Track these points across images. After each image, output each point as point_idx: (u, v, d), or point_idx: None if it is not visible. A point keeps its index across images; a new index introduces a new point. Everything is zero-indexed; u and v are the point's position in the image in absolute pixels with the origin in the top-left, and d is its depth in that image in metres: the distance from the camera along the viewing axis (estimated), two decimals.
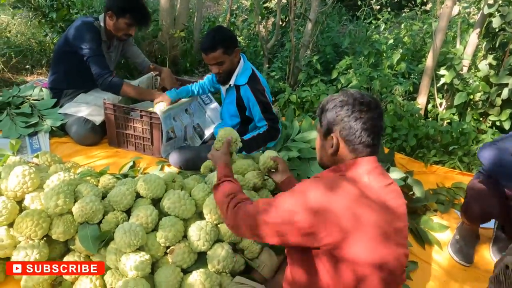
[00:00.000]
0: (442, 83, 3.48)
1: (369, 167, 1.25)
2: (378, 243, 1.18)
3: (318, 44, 4.21)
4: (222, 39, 2.24)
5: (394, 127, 3.10)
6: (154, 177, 1.88)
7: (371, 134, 1.24)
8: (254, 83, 2.33)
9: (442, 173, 2.97)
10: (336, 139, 1.28)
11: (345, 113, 1.24)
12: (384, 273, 1.19)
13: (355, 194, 1.19)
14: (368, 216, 1.17)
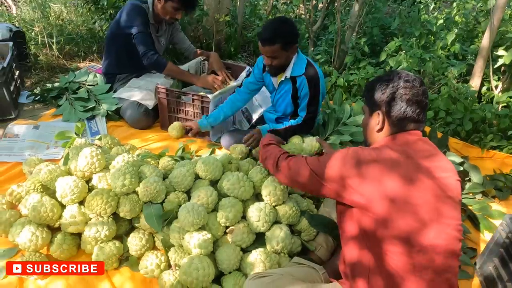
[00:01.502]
0: (500, 64, 3.30)
1: (416, 138, 1.31)
2: (426, 217, 1.19)
3: (364, 25, 4.10)
4: (282, 34, 2.12)
5: (448, 111, 2.98)
6: (212, 159, 1.92)
7: (417, 109, 1.30)
8: (311, 73, 2.26)
9: (500, 159, 2.84)
10: (382, 115, 1.34)
11: (390, 90, 1.31)
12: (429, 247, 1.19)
13: (393, 158, 1.24)
14: (399, 184, 1.20)
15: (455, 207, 1.27)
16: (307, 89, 2.26)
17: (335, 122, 2.66)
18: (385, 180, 1.22)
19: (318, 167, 1.35)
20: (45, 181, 1.81)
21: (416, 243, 1.19)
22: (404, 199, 1.20)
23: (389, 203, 1.20)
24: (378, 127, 1.36)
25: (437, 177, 1.25)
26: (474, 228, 2.20)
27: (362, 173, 1.24)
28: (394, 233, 1.20)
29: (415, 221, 1.20)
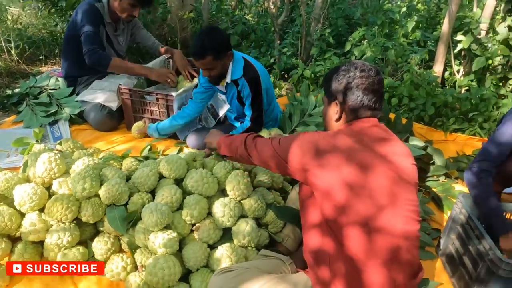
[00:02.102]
0: (459, 49, 3.40)
1: (371, 124, 1.34)
2: (383, 201, 1.23)
3: (329, 17, 4.13)
4: (211, 46, 2.10)
5: (411, 97, 3.05)
6: (176, 157, 1.91)
7: (373, 98, 1.33)
8: (249, 73, 2.25)
9: (462, 141, 2.93)
10: (340, 105, 1.37)
11: (346, 80, 1.34)
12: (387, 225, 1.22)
13: (349, 143, 1.29)
14: (357, 166, 1.24)
15: (411, 190, 1.30)
16: (248, 89, 2.26)
17: (301, 114, 2.68)
18: (343, 168, 1.24)
19: (281, 152, 1.38)
20: (2, 190, 1.76)
21: (374, 227, 1.22)
22: (362, 185, 1.23)
23: (348, 190, 1.23)
24: (336, 116, 1.39)
25: (392, 162, 1.28)
26: (438, 209, 2.27)
27: (322, 163, 1.26)
28: (354, 219, 1.23)
29: (372, 206, 1.22)
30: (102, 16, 2.78)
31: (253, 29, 4.41)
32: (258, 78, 2.29)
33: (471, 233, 1.66)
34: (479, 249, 1.58)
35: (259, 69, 2.35)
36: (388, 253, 1.23)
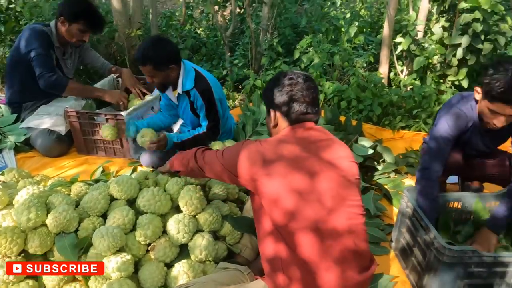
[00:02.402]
0: (400, 50, 3.57)
1: (308, 128, 1.41)
2: (331, 204, 1.28)
3: (277, 26, 4.23)
4: (151, 56, 2.12)
5: (359, 99, 3.17)
6: (126, 177, 1.87)
7: (303, 103, 1.39)
8: (200, 84, 2.28)
9: (410, 137, 3.08)
10: (274, 113, 1.44)
11: (277, 89, 1.41)
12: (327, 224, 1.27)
13: (290, 147, 1.35)
14: (296, 168, 1.30)
15: (354, 188, 1.36)
16: (201, 100, 2.29)
17: (254, 124, 2.72)
18: (290, 175, 1.29)
19: (227, 164, 1.42)
20: None
21: (324, 229, 1.26)
22: (310, 190, 1.27)
23: (296, 196, 1.27)
24: (272, 123, 1.47)
25: (334, 163, 1.34)
26: (390, 205, 2.35)
27: (269, 172, 1.30)
28: (304, 224, 1.26)
29: (321, 210, 1.27)
30: (52, 40, 2.71)
31: (203, 43, 4.44)
32: (210, 88, 2.32)
33: (418, 225, 1.73)
34: (426, 240, 1.66)
35: (211, 80, 2.37)
36: (338, 252, 1.28)
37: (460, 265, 1.56)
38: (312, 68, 3.42)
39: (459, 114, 1.83)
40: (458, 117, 1.83)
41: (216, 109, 2.36)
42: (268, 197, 1.31)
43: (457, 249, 1.52)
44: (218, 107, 2.36)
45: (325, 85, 3.30)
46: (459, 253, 1.52)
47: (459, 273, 1.57)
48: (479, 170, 2.15)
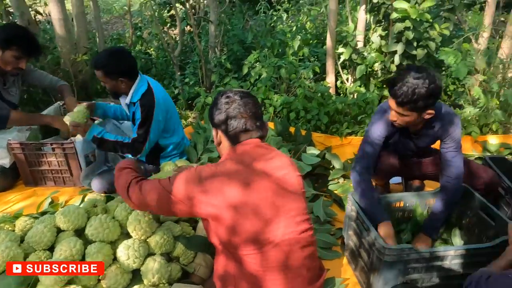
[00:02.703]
0: (343, 60, 3.75)
1: (252, 146, 1.42)
2: (265, 214, 1.31)
3: (226, 43, 4.31)
4: (103, 64, 2.25)
5: (307, 109, 3.28)
6: (73, 208, 1.85)
7: (241, 120, 1.41)
8: (145, 99, 2.32)
9: (357, 143, 3.21)
10: (216, 132, 1.47)
11: (215, 108, 1.44)
12: (283, 243, 1.32)
13: (240, 168, 1.35)
14: (251, 188, 1.32)
15: (297, 199, 1.41)
16: (139, 114, 2.33)
17: (205, 141, 2.76)
18: (226, 190, 1.31)
19: (168, 189, 1.39)
20: None
21: (264, 240, 1.30)
22: (245, 203, 1.30)
23: (234, 211, 1.30)
24: (216, 142, 1.49)
25: (275, 177, 1.38)
26: (340, 209, 2.45)
27: (205, 189, 1.32)
28: (245, 237, 1.30)
29: (258, 221, 1.30)
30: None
31: (153, 63, 4.44)
32: (153, 106, 2.33)
33: (361, 227, 1.83)
34: (368, 241, 1.74)
35: (160, 98, 2.39)
36: (281, 263, 1.32)
37: (400, 262, 1.65)
38: (260, 82, 3.51)
39: (386, 119, 1.98)
40: (385, 121, 1.98)
41: (148, 129, 2.36)
42: (208, 214, 1.34)
43: (396, 247, 1.62)
44: (153, 128, 2.35)
45: (273, 98, 3.40)
46: (398, 251, 1.62)
47: (400, 270, 1.67)
48: (417, 169, 2.30)
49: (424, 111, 1.81)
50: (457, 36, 3.90)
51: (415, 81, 1.73)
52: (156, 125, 2.37)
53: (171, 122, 2.53)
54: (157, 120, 2.36)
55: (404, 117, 1.84)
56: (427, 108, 1.80)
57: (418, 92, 1.73)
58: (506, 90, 3.23)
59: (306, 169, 2.53)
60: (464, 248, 1.68)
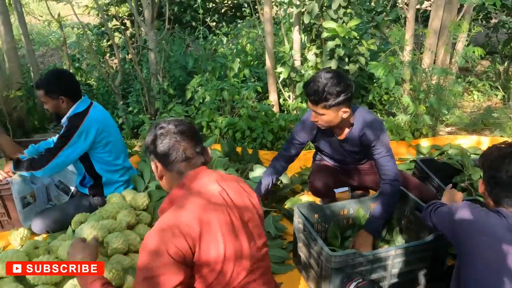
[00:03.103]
0: (282, 78, 3.91)
1: (198, 174, 1.38)
2: (230, 238, 1.31)
3: (168, 69, 4.33)
4: (44, 83, 2.30)
5: (251, 128, 3.37)
6: (11, 253, 1.76)
7: (180, 148, 1.36)
8: (75, 118, 2.30)
9: (302, 156, 3.31)
10: (155, 165, 1.40)
11: (151, 142, 1.38)
12: (244, 261, 1.33)
13: (199, 203, 1.31)
14: (213, 218, 1.29)
15: (256, 223, 1.43)
16: (62, 130, 2.33)
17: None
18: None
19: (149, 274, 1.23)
20: None
21: (226, 269, 1.29)
22: (212, 230, 1.28)
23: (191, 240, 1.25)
24: (157, 175, 1.42)
25: (230, 204, 1.36)
26: (290, 223, 2.51)
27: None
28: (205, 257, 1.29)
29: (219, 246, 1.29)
30: None
31: (94, 93, 4.35)
32: (77, 128, 2.29)
33: (309, 238, 1.89)
34: (317, 251, 1.81)
35: (93, 123, 2.34)
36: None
37: (347, 267, 1.73)
38: (204, 106, 3.56)
39: (304, 123, 2.21)
40: (303, 125, 2.22)
41: (61, 147, 2.29)
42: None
43: (341, 254, 1.70)
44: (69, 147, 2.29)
45: (218, 120, 3.45)
46: (343, 257, 1.70)
47: (348, 275, 1.75)
48: (357, 178, 2.44)
49: (338, 109, 1.95)
50: (384, 50, 4.21)
51: (325, 80, 1.90)
52: (73, 148, 2.29)
53: (114, 149, 2.49)
54: (76, 142, 2.29)
55: (322, 116, 1.99)
56: (340, 106, 1.94)
57: (328, 90, 1.88)
58: (431, 97, 3.53)
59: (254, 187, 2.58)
60: (403, 247, 1.80)
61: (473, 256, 1.36)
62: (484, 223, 1.38)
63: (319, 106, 1.94)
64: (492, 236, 1.34)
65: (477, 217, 1.40)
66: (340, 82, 1.90)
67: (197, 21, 5.24)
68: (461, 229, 1.42)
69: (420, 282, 1.93)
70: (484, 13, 6.07)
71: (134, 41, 4.62)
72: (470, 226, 1.39)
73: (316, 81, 1.91)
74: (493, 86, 4.88)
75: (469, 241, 1.38)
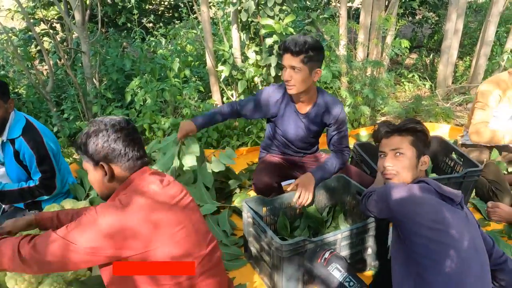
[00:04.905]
0: (224, 77, 3.90)
1: (146, 175, 1.35)
2: (181, 238, 1.29)
3: (105, 73, 4.15)
4: None
5: None
6: None
7: (135, 147, 1.34)
8: (29, 133, 2.15)
9: (249, 152, 3.36)
10: (107, 165, 1.31)
11: (102, 139, 1.29)
12: (198, 259, 1.32)
13: (146, 204, 1.27)
14: (164, 219, 1.26)
15: (201, 219, 1.43)
16: (30, 151, 2.15)
17: None
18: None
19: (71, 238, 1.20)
20: None
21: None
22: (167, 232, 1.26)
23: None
24: (108, 177, 1.32)
25: (176, 203, 1.34)
26: (240, 219, 2.51)
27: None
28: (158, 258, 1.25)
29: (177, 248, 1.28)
30: None
31: (23, 102, 4.06)
32: (42, 140, 2.18)
33: (259, 231, 1.91)
34: (267, 242, 1.83)
35: (44, 132, 2.24)
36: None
37: (297, 255, 1.76)
38: (146, 108, 3.46)
39: (269, 92, 2.29)
40: (268, 93, 2.29)
41: (50, 162, 2.21)
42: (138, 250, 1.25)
43: (291, 242, 1.73)
44: (53, 159, 2.22)
45: (161, 121, 3.37)
46: (293, 245, 1.73)
47: (299, 262, 1.78)
48: (302, 173, 2.50)
49: (313, 66, 2.05)
50: None
51: (304, 38, 2.01)
52: (52, 157, 2.23)
53: (55, 157, 2.35)
54: (51, 150, 2.22)
55: (298, 73, 2.05)
56: (315, 63, 2.05)
57: (309, 43, 1.99)
58: (366, 88, 3.71)
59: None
60: (349, 229, 1.87)
61: (417, 227, 1.43)
62: (415, 194, 1.49)
63: (299, 58, 2.01)
64: (428, 203, 1.46)
65: (408, 191, 1.51)
66: (318, 42, 2.04)
67: (133, 22, 5.08)
68: (398, 207, 1.50)
69: (366, 262, 2.02)
70: (409, 10, 6.51)
71: (66, 45, 4.37)
72: (406, 201, 1.49)
73: (296, 38, 2.01)
74: (421, 77, 5.24)
75: (408, 215, 1.46)
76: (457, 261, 1.36)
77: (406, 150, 1.63)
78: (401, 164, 1.62)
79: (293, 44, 1.99)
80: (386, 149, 1.69)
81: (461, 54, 5.87)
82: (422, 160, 1.65)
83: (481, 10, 6.61)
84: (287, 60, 2.04)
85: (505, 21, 6.03)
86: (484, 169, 2.54)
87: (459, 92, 4.88)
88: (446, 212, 1.43)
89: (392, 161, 1.64)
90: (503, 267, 1.56)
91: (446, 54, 4.81)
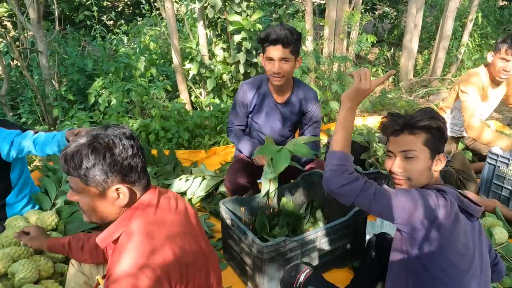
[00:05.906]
0: (192, 75, 3.82)
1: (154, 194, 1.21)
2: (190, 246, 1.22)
3: (64, 73, 3.94)
4: None
5: (165, 129, 3.23)
6: None
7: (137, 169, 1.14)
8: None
9: (222, 152, 3.30)
10: (123, 187, 1.11)
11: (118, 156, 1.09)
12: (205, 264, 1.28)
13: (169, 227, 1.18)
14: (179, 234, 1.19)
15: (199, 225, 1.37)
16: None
17: (57, 183, 2.46)
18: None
19: None
20: None
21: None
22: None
23: None
24: (126, 200, 1.12)
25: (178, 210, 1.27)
26: (218, 220, 2.47)
27: None
28: None
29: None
30: None
31: None
32: None
33: (238, 232, 1.87)
34: (247, 244, 1.80)
35: None
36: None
37: (279, 255, 1.74)
38: (111, 109, 3.32)
39: (243, 86, 2.28)
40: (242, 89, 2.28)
41: None
42: None
43: (272, 243, 1.70)
44: None
45: (128, 123, 3.25)
46: (274, 246, 1.70)
47: (280, 262, 1.76)
48: None
49: (297, 55, 2.07)
50: None
51: (286, 26, 1.99)
52: None
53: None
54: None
55: (287, 64, 2.04)
56: (298, 53, 2.07)
57: (295, 32, 1.99)
58: (334, 83, 3.75)
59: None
60: (328, 226, 1.87)
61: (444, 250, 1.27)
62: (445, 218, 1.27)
63: (288, 49, 2.00)
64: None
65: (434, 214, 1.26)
66: (296, 30, 2.01)
67: (92, 20, 4.86)
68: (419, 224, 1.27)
69: (345, 258, 2.04)
70: (370, 6, 6.66)
71: (20, 45, 4.11)
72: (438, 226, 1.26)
73: (279, 30, 1.96)
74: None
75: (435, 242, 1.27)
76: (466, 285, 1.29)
77: (418, 153, 1.36)
78: (412, 169, 1.36)
79: (283, 36, 1.97)
80: (395, 150, 1.41)
81: (420, 48, 6.08)
82: (437, 159, 1.39)
83: (436, 5, 6.87)
84: (277, 52, 2.01)
85: (460, 16, 6.31)
86: (451, 159, 2.64)
87: (420, 85, 5.05)
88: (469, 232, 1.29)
89: (402, 166, 1.38)
90: (495, 269, 1.54)
91: (407, 48, 4.97)
